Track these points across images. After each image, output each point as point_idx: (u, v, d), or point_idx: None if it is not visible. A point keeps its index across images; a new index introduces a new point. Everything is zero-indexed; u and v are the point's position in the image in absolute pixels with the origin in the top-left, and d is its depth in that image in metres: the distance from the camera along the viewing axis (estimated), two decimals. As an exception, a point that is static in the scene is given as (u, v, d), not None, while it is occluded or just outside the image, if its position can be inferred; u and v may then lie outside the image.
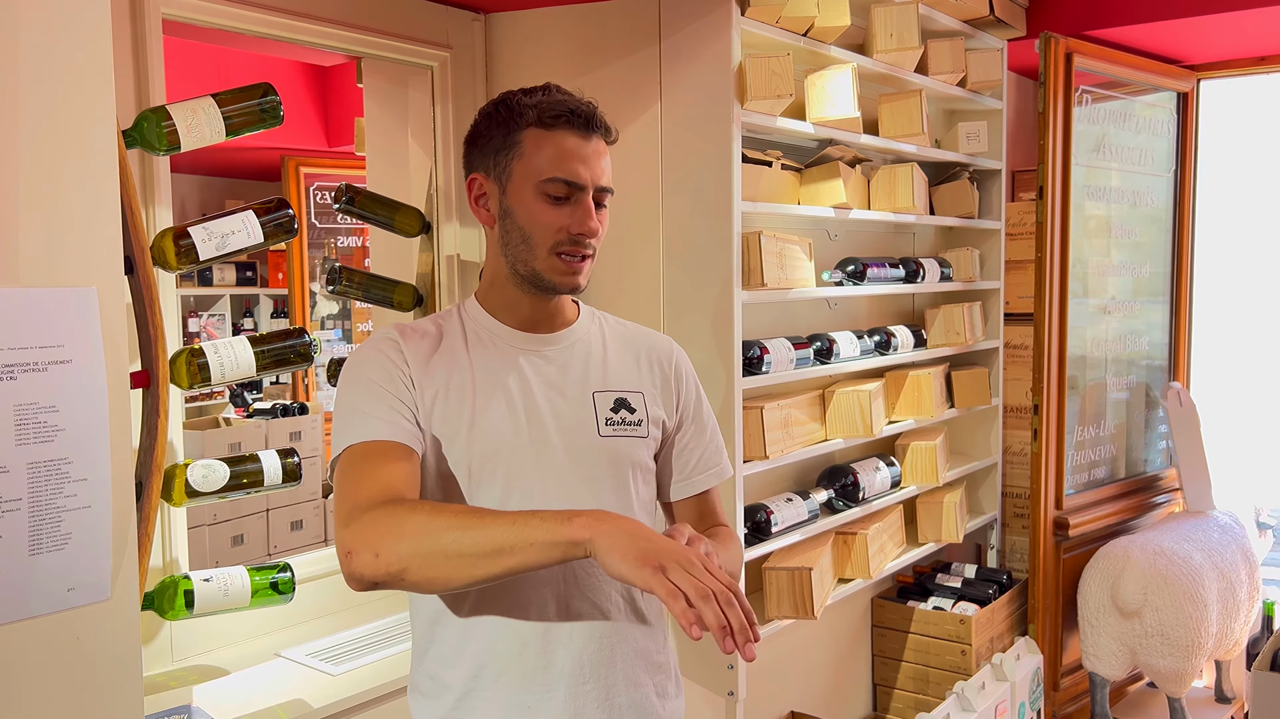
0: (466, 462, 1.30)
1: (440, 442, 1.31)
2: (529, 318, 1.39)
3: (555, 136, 1.31)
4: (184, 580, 1.82)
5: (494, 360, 1.36)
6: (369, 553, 1.15)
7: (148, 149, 1.73)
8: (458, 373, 1.33)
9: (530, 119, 1.32)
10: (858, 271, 2.75)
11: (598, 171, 1.33)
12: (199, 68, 3.97)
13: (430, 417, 1.31)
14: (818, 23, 2.44)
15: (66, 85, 1.32)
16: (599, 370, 1.41)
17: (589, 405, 1.38)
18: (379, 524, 1.16)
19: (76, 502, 1.34)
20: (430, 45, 2.44)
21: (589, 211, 1.32)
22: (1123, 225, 3.62)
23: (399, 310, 2.51)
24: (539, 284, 1.34)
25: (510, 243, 1.34)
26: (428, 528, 1.14)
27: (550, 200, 1.31)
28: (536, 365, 1.37)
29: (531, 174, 1.31)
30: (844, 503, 2.74)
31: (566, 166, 1.31)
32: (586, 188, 1.32)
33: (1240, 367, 4.32)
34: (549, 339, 1.40)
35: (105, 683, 1.38)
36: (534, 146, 1.32)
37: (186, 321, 6.03)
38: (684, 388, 1.48)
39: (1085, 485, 3.51)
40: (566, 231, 1.31)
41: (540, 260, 1.32)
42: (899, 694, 3.17)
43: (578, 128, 1.32)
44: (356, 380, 1.32)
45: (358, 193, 2.36)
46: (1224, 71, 3.71)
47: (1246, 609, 3.34)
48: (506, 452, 1.31)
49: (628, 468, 1.39)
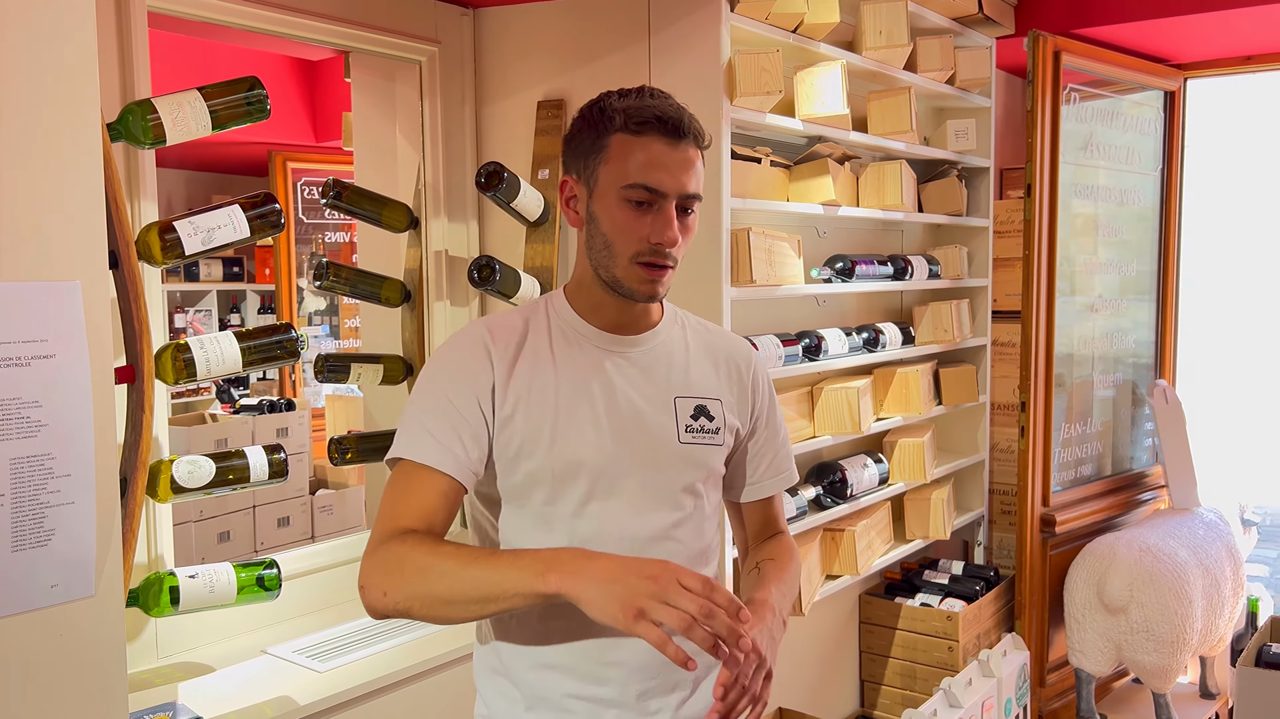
0: (550, 466, 1.30)
1: (525, 445, 1.30)
2: (615, 320, 1.39)
3: (642, 142, 1.29)
4: (169, 577, 1.81)
5: (580, 362, 1.36)
6: (378, 590, 1.21)
7: (133, 142, 1.72)
8: (541, 375, 1.33)
9: (618, 124, 1.30)
10: (846, 269, 2.75)
11: (683, 180, 1.30)
12: (185, 62, 3.95)
13: (512, 422, 1.31)
14: (807, 19, 2.44)
15: (50, 78, 1.31)
16: (681, 375, 1.41)
17: (670, 410, 1.38)
18: (386, 563, 1.21)
19: (60, 498, 1.33)
20: (419, 40, 2.43)
21: (669, 221, 1.30)
22: (1110, 224, 3.63)
23: (386, 306, 2.50)
24: (619, 291, 1.34)
25: (594, 248, 1.34)
26: (423, 572, 1.18)
27: (632, 207, 1.29)
28: (620, 367, 1.37)
29: (615, 180, 1.30)
30: (832, 499, 2.74)
31: (650, 174, 1.28)
32: (669, 196, 1.29)
33: (1226, 364, 4.35)
34: (634, 340, 1.39)
35: (89, 680, 1.37)
36: (620, 152, 1.30)
37: (173, 317, 6.00)
38: (759, 396, 1.50)
39: (1072, 482, 3.52)
40: (647, 241, 1.30)
41: (621, 268, 1.31)
42: (886, 691, 3.17)
43: (666, 134, 1.29)
44: (434, 385, 1.32)
45: (345, 188, 2.35)
46: (1210, 71, 3.73)
47: (1231, 605, 3.37)
48: (589, 457, 1.31)
49: (703, 475, 1.40)
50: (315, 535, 3.99)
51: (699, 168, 1.33)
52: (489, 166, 2.21)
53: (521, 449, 1.30)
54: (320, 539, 3.91)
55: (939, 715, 2.60)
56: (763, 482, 1.51)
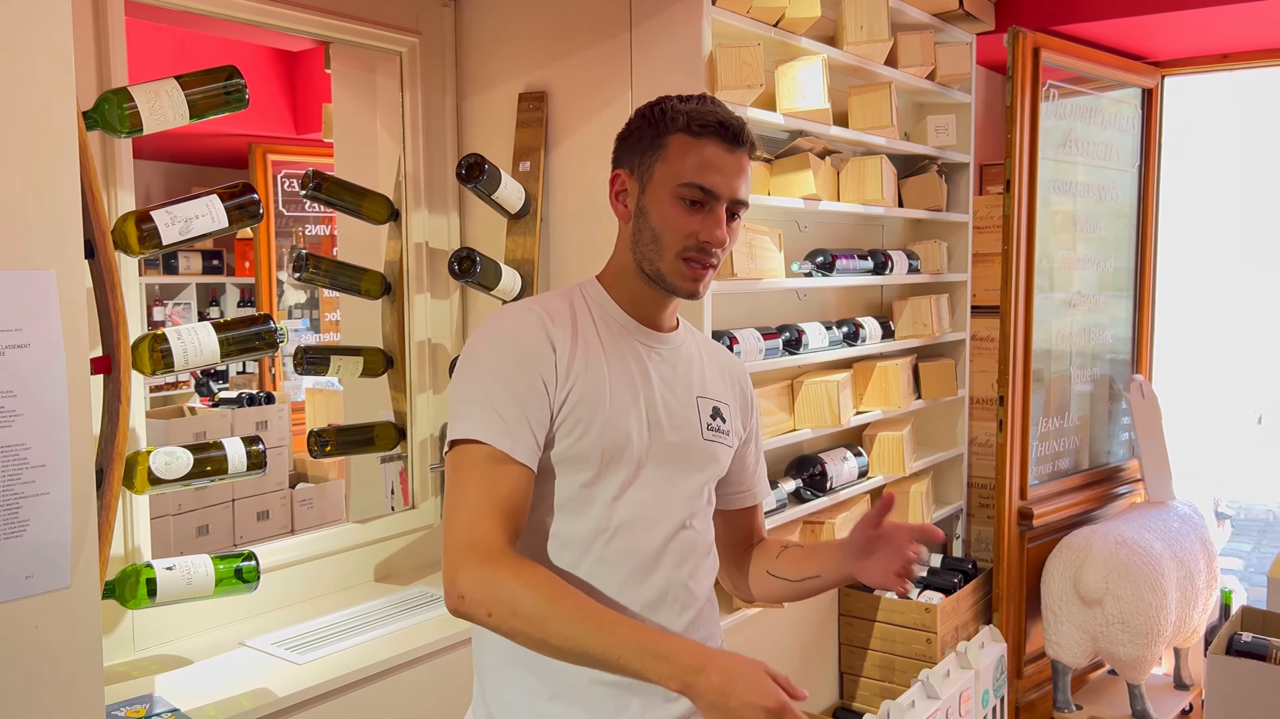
0: (600, 449, 1.33)
1: (579, 424, 1.32)
2: (651, 314, 1.42)
3: (701, 145, 1.34)
4: (146, 569, 1.80)
5: (623, 349, 1.39)
6: (482, 610, 1.21)
7: (109, 131, 1.71)
8: (594, 357, 1.36)
9: (680, 124, 1.35)
10: (827, 263, 2.76)
11: (736, 185, 1.36)
12: (163, 52, 3.91)
13: (571, 398, 1.32)
14: (788, 13, 2.44)
15: (25, 65, 1.30)
16: (699, 377, 1.47)
17: (694, 408, 1.43)
18: (497, 590, 1.20)
19: (35, 488, 1.32)
20: (399, 30, 2.42)
21: (719, 221, 1.35)
22: (1088, 220, 3.66)
23: (366, 298, 2.50)
24: (661, 284, 1.37)
25: (641, 241, 1.37)
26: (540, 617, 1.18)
27: (685, 205, 1.34)
28: (654, 362, 1.41)
29: (671, 177, 1.34)
30: (812, 492, 2.75)
31: (706, 175, 1.33)
32: (721, 198, 1.34)
33: (1202, 360, 4.40)
34: (663, 339, 1.44)
35: (65, 672, 1.36)
36: (679, 151, 1.34)
37: (151, 310, 5.95)
38: (753, 410, 1.57)
39: (1049, 476, 3.55)
40: (695, 238, 1.34)
41: (666, 263, 1.35)
42: (865, 682, 3.19)
43: (725, 140, 1.35)
44: (496, 365, 1.31)
45: (325, 179, 2.34)
46: (1188, 68, 3.76)
47: (1205, 597, 3.41)
48: (634, 443, 1.35)
49: (717, 472, 1.46)
50: (295, 529, 3.98)
51: (749, 177, 1.39)
52: (470, 158, 2.20)
53: (575, 429, 1.32)
54: (300, 533, 3.89)
55: (917, 707, 2.62)
56: (753, 489, 1.59)
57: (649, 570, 1.36)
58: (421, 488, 2.55)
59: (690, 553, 1.40)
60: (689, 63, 2.25)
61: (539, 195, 2.44)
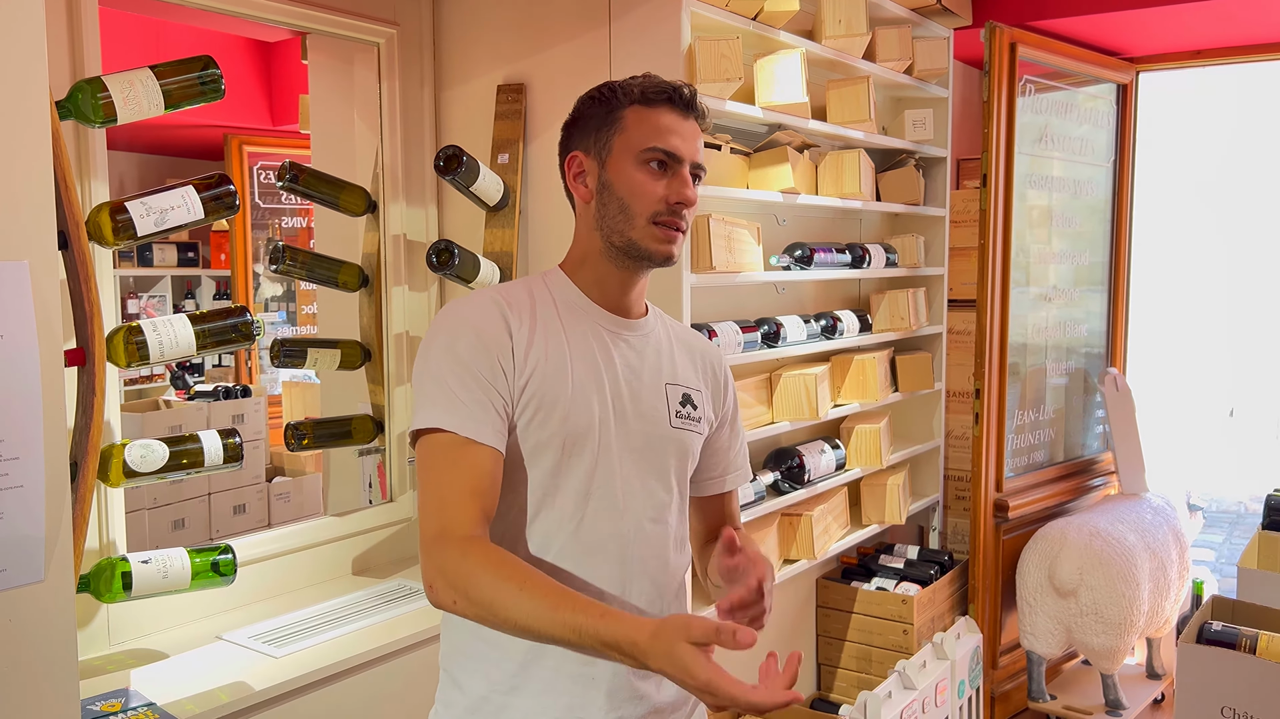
0: (562, 435, 1.32)
1: (540, 411, 1.32)
2: (617, 298, 1.42)
3: (657, 112, 1.36)
4: (121, 562, 1.79)
5: (586, 335, 1.39)
6: (449, 594, 1.21)
7: (83, 121, 1.69)
8: (555, 343, 1.35)
9: (635, 96, 1.37)
10: (805, 256, 2.77)
11: (694, 149, 1.38)
12: (137, 43, 3.87)
13: (530, 386, 1.32)
14: (767, 7, 2.45)
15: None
16: (669, 364, 1.46)
17: (663, 395, 1.43)
18: (461, 572, 1.20)
19: (8, 481, 1.31)
20: (377, 21, 2.41)
21: (686, 181, 1.37)
22: (1064, 214, 3.69)
23: (344, 290, 2.48)
24: (634, 254, 1.37)
25: (608, 214, 1.37)
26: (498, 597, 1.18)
27: (650, 170, 1.35)
28: (620, 349, 1.41)
29: (633, 146, 1.36)
30: (790, 485, 2.77)
31: (667, 138, 1.35)
32: (684, 160, 1.36)
33: (1175, 354, 4.45)
34: (630, 325, 1.43)
35: (39, 666, 1.35)
36: (636, 121, 1.36)
37: (126, 303, 5.89)
38: (728, 394, 1.56)
39: (1025, 468, 3.58)
40: (665, 201, 1.35)
41: (638, 229, 1.36)
42: (843, 673, 3.22)
43: (678, 106, 1.37)
44: (455, 351, 1.31)
45: (302, 171, 2.32)
46: (1162, 64, 3.80)
47: (1177, 588, 3.45)
48: (597, 430, 1.34)
49: (688, 460, 1.45)
50: (272, 522, 3.96)
51: (701, 144, 1.41)
52: (448, 150, 2.20)
53: (535, 418, 1.32)
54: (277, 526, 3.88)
55: (894, 698, 2.64)
56: (725, 475, 1.57)
57: (616, 562, 1.35)
58: (399, 481, 2.54)
59: (659, 545, 1.40)
60: (668, 55, 2.25)
61: (517, 187, 2.43)
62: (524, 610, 1.17)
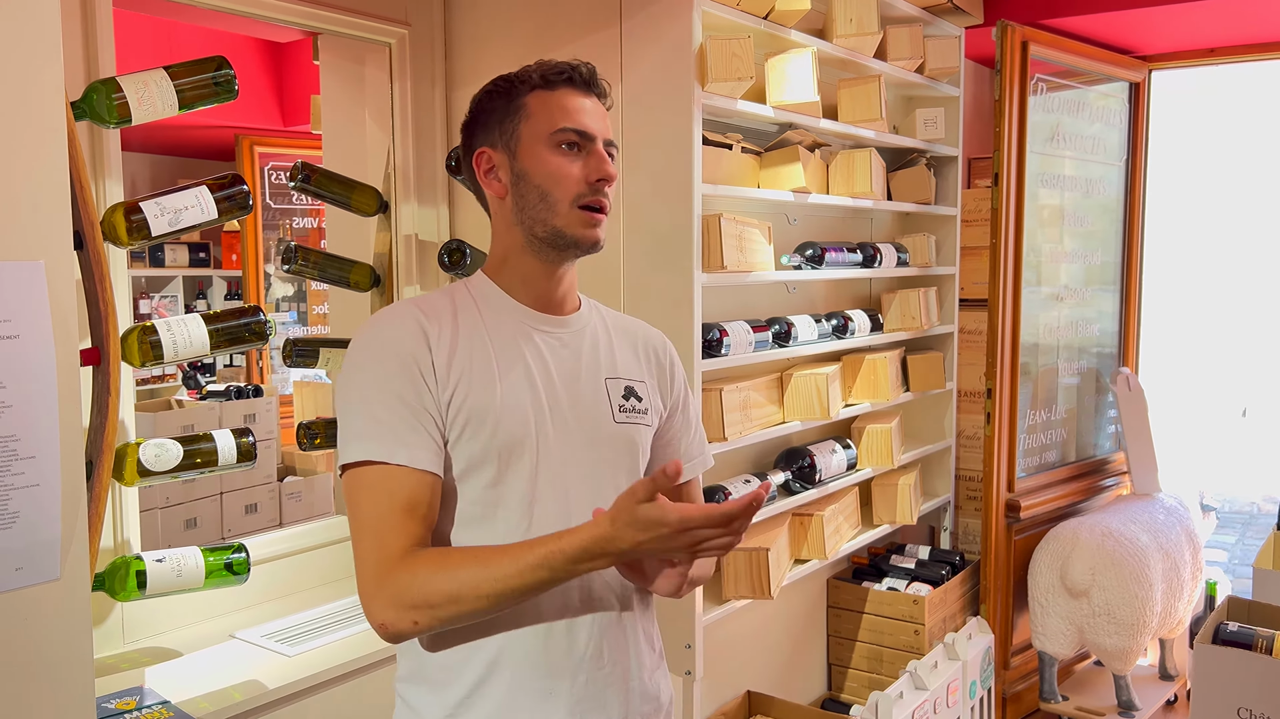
0: (496, 445, 1.28)
1: (469, 425, 1.27)
2: (543, 294, 1.37)
3: (559, 94, 1.33)
4: (136, 561, 1.80)
5: (514, 338, 1.34)
6: (407, 618, 1.19)
7: (97, 121, 1.70)
8: (479, 351, 1.31)
9: (534, 82, 1.34)
10: (816, 256, 2.77)
11: (604, 125, 1.35)
12: (149, 44, 3.89)
13: (455, 400, 1.27)
14: (778, 6, 2.45)
15: (13, 54, 1.29)
16: (608, 357, 1.41)
17: (603, 391, 1.38)
18: (412, 587, 1.18)
19: (25, 479, 1.31)
20: (389, 22, 2.42)
21: (604, 157, 1.33)
22: (1075, 213, 3.68)
23: (356, 290, 2.49)
24: (559, 243, 1.33)
25: (527, 205, 1.33)
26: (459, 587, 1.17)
27: (564, 152, 1.32)
28: (552, 347, 1.36)
29: (542, 130, 1.32)
30: (801, 484, 2.76)
31: (576, 118, 1.32)
32: (596, 138, 1.33)
33: (1188, 354, 4.43)
34: (562, 322, 1.39)
35: (55, 664, 1.36)
36: (540, 105, 1.33)
37: (137, 303, 5.92)
38: (675, 380, 1.50)
39: (1036, 468, 3.57)
40: (585, 181, 1.31)
41: (561, 216, 1.32)
42: (853, 674, 3.21)
43: (579, 86, 1.35)
44: (377, 375, 1.26)
45: (314, 171, 2.33)
46: (1175, 62, 3.78)
47: (1190, 589, 3.43)
48: (533, 436, 1.30)
49: (638, 454, 1.40)
50: (283, 522, 3.97)
51: (609, 122, 1.38)
52: (460, 150, 2.20)
53: (466, 430, 1.27)
54: (289, 525, 3.89)
55: (905, 698, 2.64)
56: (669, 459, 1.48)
57: None
58: (411, 480, 2.54)
59: None
60: (679, 55, 2.25)
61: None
62: (490, 580, 1.16)
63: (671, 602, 2.36)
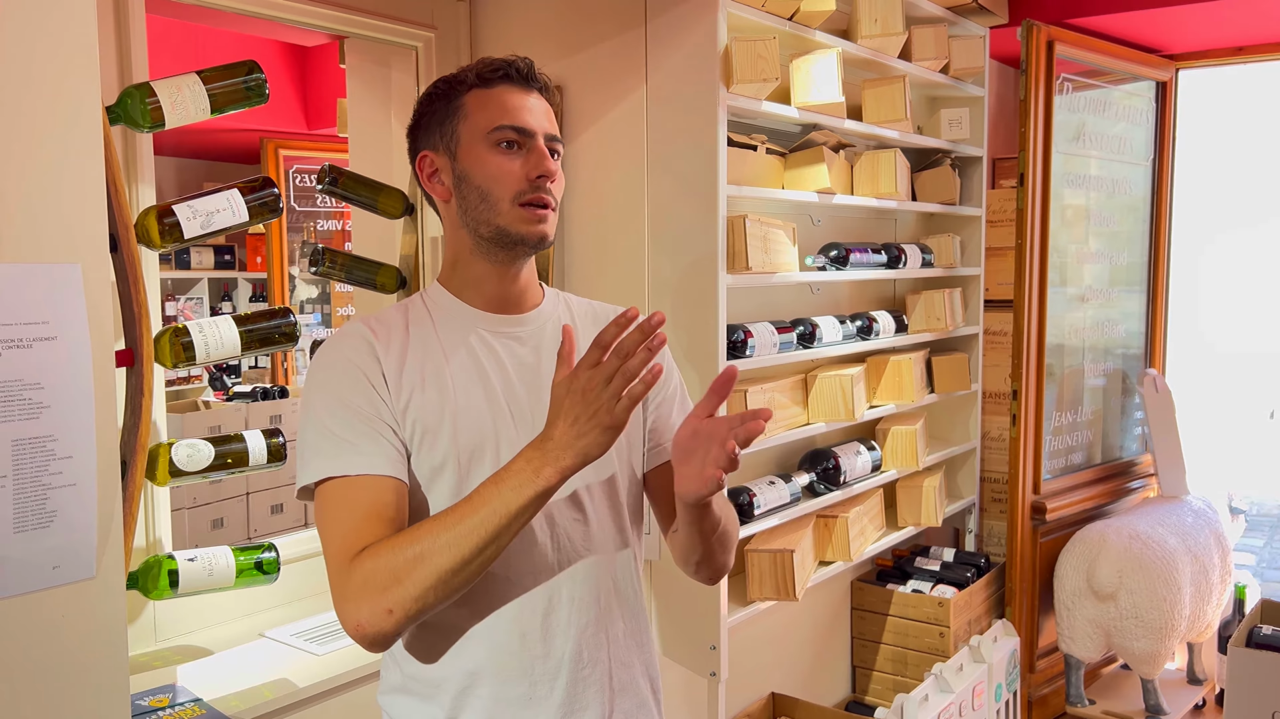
0: (455, 453, 1.26)
1: (426, 435, 1.26)
2: (497, 295, 1.35)
3: (496, 92, 1.31)
4: (168, 560, 1.82)
5: (468, 344, 1.32)
6: (381, 608, 1.14)
7: (131, 126, 1.72)
8: (431, 362, 1.29)
9: (470, 82, 1.32)
10: (840, 256, 2.76)
11: (545, 121, 1.33)
12: (178, 48, 3.93)
13: (410, 412, 1.26)
14: (803, 6, 2.44)
15: (51, 60, 1.31)
16: None
17: None
18: (377, 572, 1.14)
19: (62, 479, 1.33)
20: (415, 25, 2.43)
21: (544, 154, 1.30)
22: (1101, 214, 3.65)
23: (382, 292, 2.51)
24: (505, 241, 1.31)
25: (470, 206, 1.31)
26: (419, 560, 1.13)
27: (502, 150, 1.30)
28: (510, 348, 1.34)
29: (480, 129, 1.30)
30: (825, 486, 2.76)
31: (513, 115, 1.30)
32: (535, 134, 1.31)
33: (1216, 355, 4.38)
34: (520, 320, 1.36)
35: (90, 661, 1.38)
36: (477, 105, 1.31)
37: (164, 305, 5.97)
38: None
39: (1062, 470, 3.55)
40: (525, 179, 1.29)
41: (503, 215, 1.29)
42: (878, 676, 3.20)
43: (516, 81, 1.32)
44: (330, 392, 1.25)
45: (341, 174, 2.35)
46: (1202, 61, 3.75)
47: (1219, 592, 3.40)
48: (493, 441, 1.28)
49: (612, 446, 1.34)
50: (309, 522, 3.99)
51: (553, 116, 1.36)
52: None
53: (424, 441, 1.26)
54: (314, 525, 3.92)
55: (930, 700, 2.63)
56: (663, 444, 1.43)
57: (540, 572, 1.29)
58: (437, 481, 2.56)
59: (590, 543, 1.32)
60: (704, 56, 2.26)
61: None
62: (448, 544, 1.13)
63: (697, 604, 2.37)
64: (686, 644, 2.39)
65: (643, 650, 1.42)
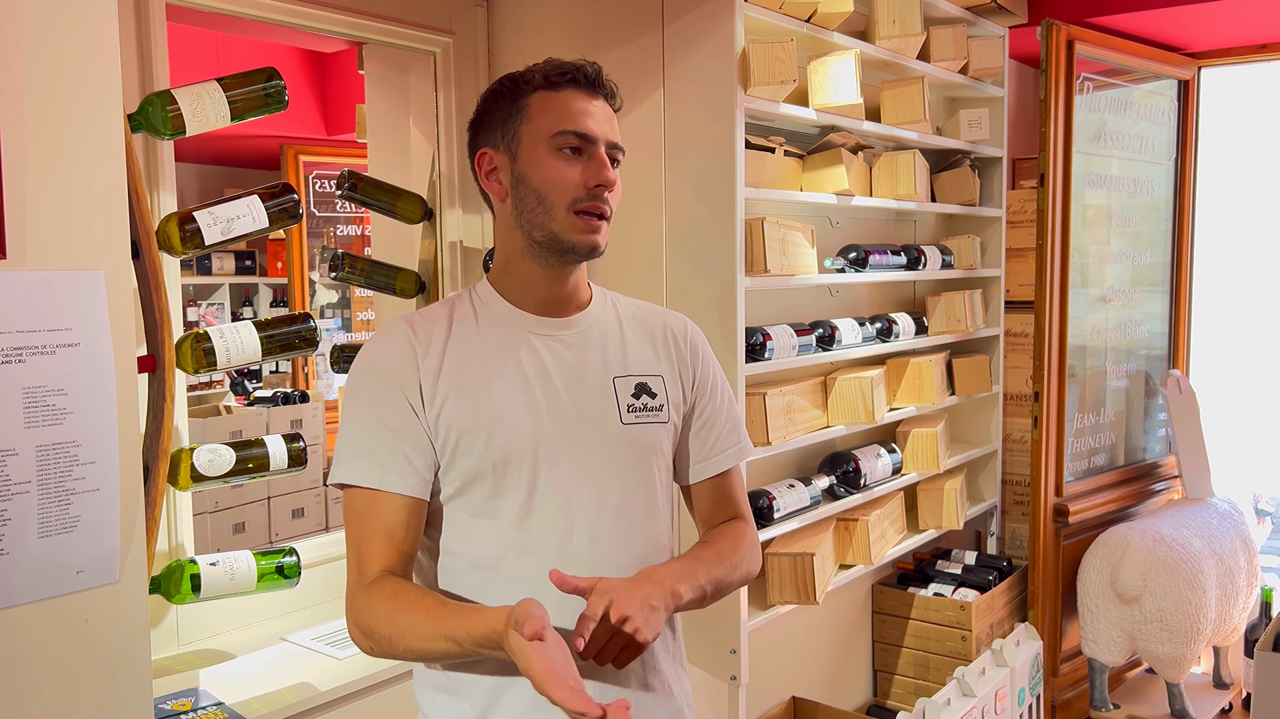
0: (491, 458, 1.26)
1: (462, 439, 1.26)
2: (545, 298, 1.34)
3: (562, 96, 1.30)
4: (190, 564, 1.83)
5: (511, 346, 1.31)
6: (364, 641, 1.25)
7: (153, 133, 1.73)
8: (471, 364, 1.29)
9: (537, 83, 1.31)
10: (860, 259, 2.75)
11: (608, 128, 1.31)
12: (198, 55, 3.96)
13: (443, 417, 1.27)
14: (820, 8, 2.44)
15: (73, 68, 1.32)
16: (617, 354, 1.37)
17: (610, 392, 1.34)
18: (364, 613, 1.23)
19: (85, 484, 1.34)
20: (433, 31, 2.44)
21: (604, 162, 1.29)
22: (1122, 214, 3.62)
23: (401, 297, 2.51)
24: (557, 248, 1.30)
25: (525, 209, 1.30)
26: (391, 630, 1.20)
27: (564, 156, 1.28)
28: (554, 350, 1.33)
29: (542, 133, 1.29)
30: (845, 489, 2.74)
31: (577, 120, 1.29)
32: (598, 141, 1.29)
33: (1240, 356, 4.33)
34: (565, 323, 1.35)
35: (114, 665, 1.39)
36: (541, 108, 1.30)
37: (185, 310, 6.02)
38: (700, 365, 1.45)
39: (1085, 473, 3.52)
40: (583, 187, 1.28)
41: (558, 221, 1.28)
42: (899, 680, 3.18)
43: (583, 86, 1.31)
44: (362, 397, 1.28)
45: (360, 179, 2.36)
46: (1225, 59, 3.71)
47: (1245, 595, 3.36)
48: (530, 445, 1.27)
49: (651, 456, 1.36)
50: (329, 526, 4.02)
51: (616, 123, 1.34)
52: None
53: (459, 444, 1.26)
54: (334, 529, 3.94)
55: (952, 704, 2.61)
56: (712, 457, 1.44)
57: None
58: (457, 485, 2.56)
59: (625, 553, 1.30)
60: (722, 59, 2.25)
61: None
62: (411, 633, 1.18)
63: (717, 608, 2.36)
64: (706, 648, 2.39)
65: (673, 658, 1.42)
